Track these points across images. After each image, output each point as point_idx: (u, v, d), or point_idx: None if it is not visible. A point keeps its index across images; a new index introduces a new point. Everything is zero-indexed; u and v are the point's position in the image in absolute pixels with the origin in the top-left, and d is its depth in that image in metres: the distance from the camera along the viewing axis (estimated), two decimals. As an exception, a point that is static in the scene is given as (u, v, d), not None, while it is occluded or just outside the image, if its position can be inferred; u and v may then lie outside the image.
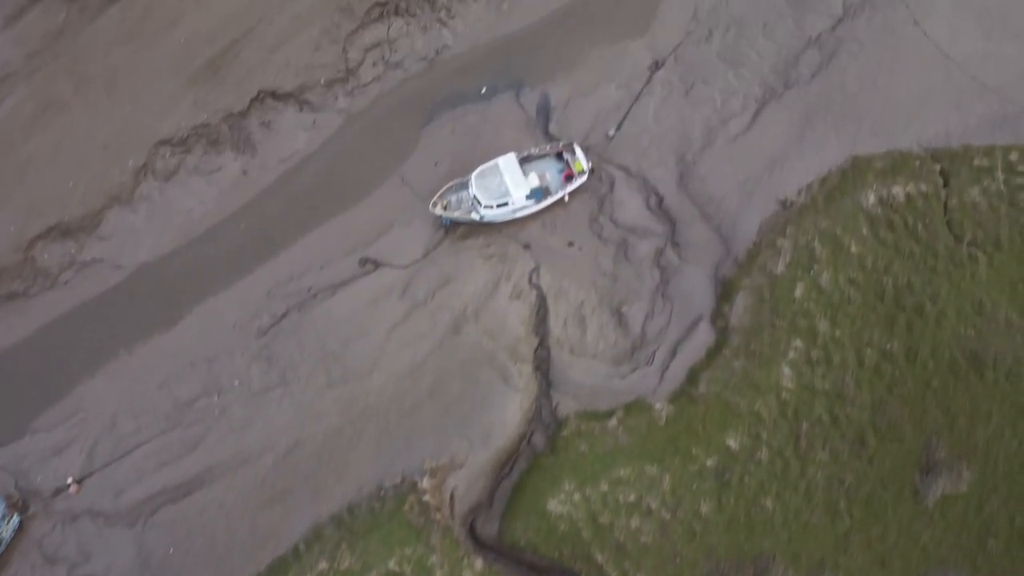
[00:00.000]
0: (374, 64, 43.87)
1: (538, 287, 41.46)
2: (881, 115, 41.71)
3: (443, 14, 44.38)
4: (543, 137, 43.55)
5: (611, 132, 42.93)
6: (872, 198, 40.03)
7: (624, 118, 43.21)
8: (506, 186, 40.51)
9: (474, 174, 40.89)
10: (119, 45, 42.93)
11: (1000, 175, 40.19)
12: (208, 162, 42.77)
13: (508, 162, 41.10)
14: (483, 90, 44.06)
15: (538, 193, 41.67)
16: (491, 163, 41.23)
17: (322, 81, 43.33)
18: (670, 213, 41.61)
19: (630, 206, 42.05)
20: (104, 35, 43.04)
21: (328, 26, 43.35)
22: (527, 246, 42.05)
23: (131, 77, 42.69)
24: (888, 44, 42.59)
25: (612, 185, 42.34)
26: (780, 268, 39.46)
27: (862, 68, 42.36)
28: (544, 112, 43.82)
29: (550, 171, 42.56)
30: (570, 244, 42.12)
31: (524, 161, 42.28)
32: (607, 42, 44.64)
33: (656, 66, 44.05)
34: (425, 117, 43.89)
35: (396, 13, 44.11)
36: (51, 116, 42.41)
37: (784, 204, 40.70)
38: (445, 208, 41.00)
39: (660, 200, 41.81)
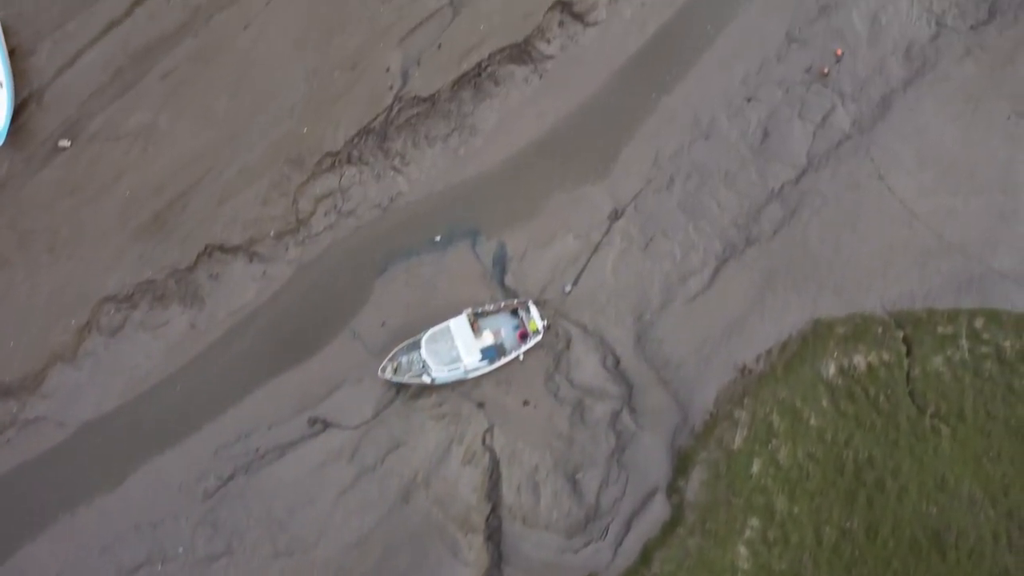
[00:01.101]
0: (326, 214, 45.02)
1: (491, 449, 42.50)
2: (844, 275, 42.85)
3: (397, 161, 45.48)
4: (499, 289, 44.59)
5: (568, 288, 44.01)
6: (833, 368, 41.12)
7: (582, 272, 44.31)
8: (457, 351, 41.63)
9: (424, 338, 42.00)
10: (63, 198, 44.17)
11: (964, 343, 41.24)
12: (154, 317, 43.85)
13: (459, 325, 42.21)
14: (438, 239, 45.15)
15: (491, 352, 42.73)
16: (442, 326, 42.40)
17: (272, 233, 44.48)
18: (627, 375, 42.66)
19: (586, 366, 43.05)
20: (47, 188, 44.32)
21: (277, 178, 44.58)
22: (481, 405, 43.08)
23: (75, 232, 43.96)
24: (852, 199, 43.76)
25: (568, 343, 43.37)
26: (737, 443, 40.48)
27: (825, 224, 43.48)
28: (500, 263, 44.87)
29: (505, 327, 43.65)
30: (525, 403, 43.13)
31: (479, 316, 43.27)
32: (566, 188, 45.77)
33: (616, 215, 45.08)
34: (378, 267, 45.01)
35: (348, 162, 45.26)
36: (-8, 274, 43.45)
37: (742, 371, 41.73)
38: (396, 371, 42.14)
39: (617, 361, 42.84)
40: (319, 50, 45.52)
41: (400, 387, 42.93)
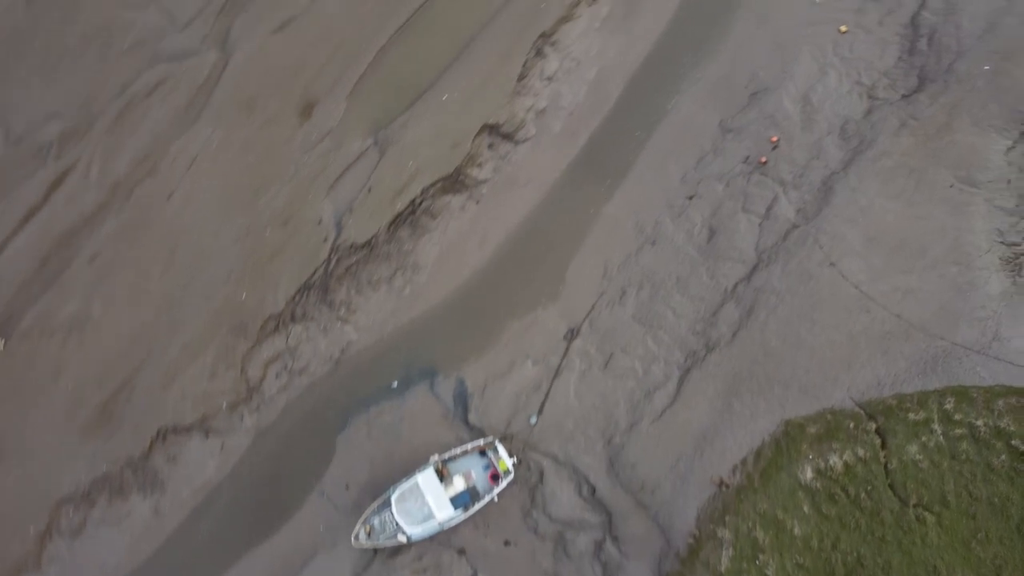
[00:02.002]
0: (277, 376, 46.56)
1: (477, 599, 43.51)
2: (808, 371, 44.64)
3: (343, 311, 46.94)
4: (464, 428, 46.02)
5: (533, 419, 45.65)
6: (810, 471, 42.67)
7: (545, 400, 45.89)
8: (429, 507, 43.21)
9: (394, 497, 43.48)
10: (4, 402, 46.16)
11: (937, 427, 42.87)
12: (116, 510, 45.48)
13: (427, 479, 43.81)
14: (395, 384, 46.75)
15: (465, 497, 44.29)
16: (410, 482, 43.88)
17: (224, 406, 46.00)
18: (605, 503, 44.21)
19: (562, 497, 44.54)
20: (-15, 395, 45.22)
21: (222, 349, 46.05)
22: (461, 551, 44.52)
23: (21, 436, 45.71)
24: (806, 290, 45.61)
25: (541, 475, 44.98)
26: (724, 563, 41.96)
27: (782, 321, 45.36)
28: (461, 401, 46.34)
29: (475, 469, 45.21)
30: (506, 543, 44.57)
31: (447, 462, 44.40)
32: (517, 314, 47.61)
33: (572, 335, 46.64)
34: (339, 422, 46.70)
35: (293, 320, 46.85)
36: (-60, 492, 44.43)
37: (720, 486, 43.19)
38: (369, 535, 43.67)
39: (593, 489, 44.38)
40: (247, 210, 47.11)
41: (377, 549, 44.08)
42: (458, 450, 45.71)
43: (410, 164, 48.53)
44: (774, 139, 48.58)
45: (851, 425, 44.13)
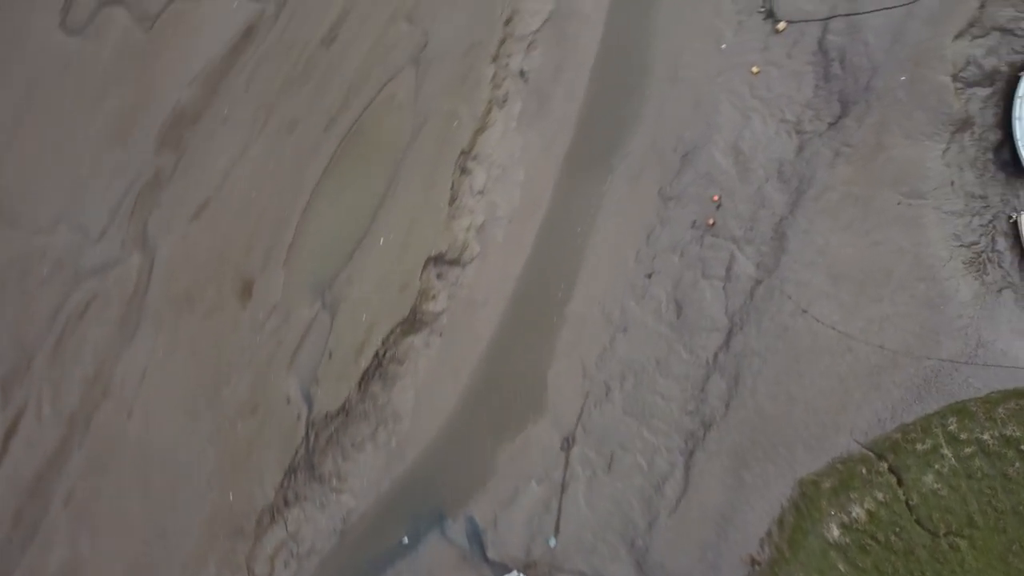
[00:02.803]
0: (286, 565, 47.36)
1: None
2: (808, 425, 45.97)
3: (334, 482, 47.58)
4: (485, 565, 46.89)
5: (552, 542, 46.38)
6: (835, 529, 43.79)
7: (558, 518, 46.35)
8: (472, 663, 43.04)
9: (435, 668, 43.46)
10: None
11: (947, 451, 44.08)
12: None
13: (464, 637, 43.67)
14: (405, 540, 47.54)
15: (506, 635, 44.48)
16: (448, 647, 43.85)
17: (241, 613, 45.39)
18: (645, 609, 44.36)
19: (601, 613, 44.75)
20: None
21: (223, 556, 46.57)
22: None
23: None
24: (786, 345, 46.79)
25: (574, 594, 45.03)
26: (775, 644, 42.30)
27: (771, 382, 46.57)
28: (476, 539, 47.24)
29: (507, 603, 45.39)
30: (557, 673, 44.67)
31: (479, 603, 45.06)
32: (509, 435, 48.56)
33: (568, 444, 47.41)
34: (358, 596, 46.19)
35: (287, 505, 47.36)
36: None
37: (752, 564, 43.65)
38: None
39: (629, 598, 44.56)
40: (212, 408, 47.25)
41: None
42: (486, 591, 46.27)
43: (364, 318, 48.79)
44: (716, 198, 49.55)
45: (863, 470, 45.12)
